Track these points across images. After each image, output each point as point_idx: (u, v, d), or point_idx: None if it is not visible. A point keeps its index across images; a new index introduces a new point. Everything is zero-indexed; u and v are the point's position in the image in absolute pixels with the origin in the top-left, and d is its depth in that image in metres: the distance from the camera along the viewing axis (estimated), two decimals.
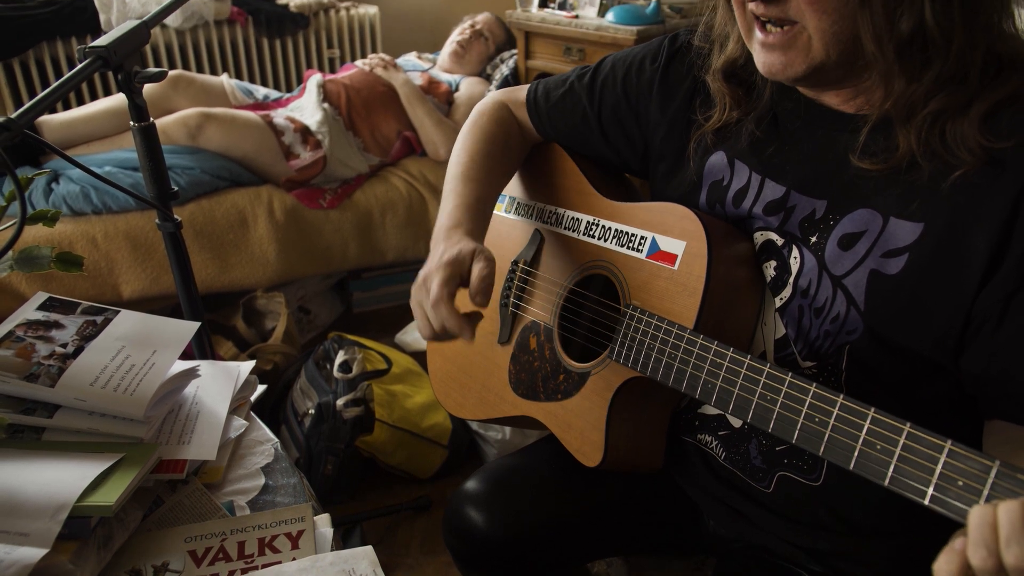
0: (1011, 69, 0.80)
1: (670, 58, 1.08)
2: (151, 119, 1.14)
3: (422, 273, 1.00)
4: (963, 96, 0.79)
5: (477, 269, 0.96)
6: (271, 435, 1.04)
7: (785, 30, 0.83)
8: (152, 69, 1.08)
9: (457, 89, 2.92)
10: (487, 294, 0.96)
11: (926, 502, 0.68)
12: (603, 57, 1.18)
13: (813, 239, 0.91)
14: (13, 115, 0.83)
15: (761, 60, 0.87)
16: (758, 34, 0.86)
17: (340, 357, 2.14)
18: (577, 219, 1.13)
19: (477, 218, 1.09)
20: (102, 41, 1.01)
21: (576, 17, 2.64)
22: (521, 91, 1.25)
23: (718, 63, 0.99)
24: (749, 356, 0.84)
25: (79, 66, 0.98)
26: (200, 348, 1.29)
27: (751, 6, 0.85)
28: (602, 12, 2.62)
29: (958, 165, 0.80)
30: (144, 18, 1.10)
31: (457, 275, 0.97)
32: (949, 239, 0.81)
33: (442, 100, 2.83)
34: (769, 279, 0.96)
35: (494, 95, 1.27)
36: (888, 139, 0.85)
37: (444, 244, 1.02)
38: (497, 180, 1.18)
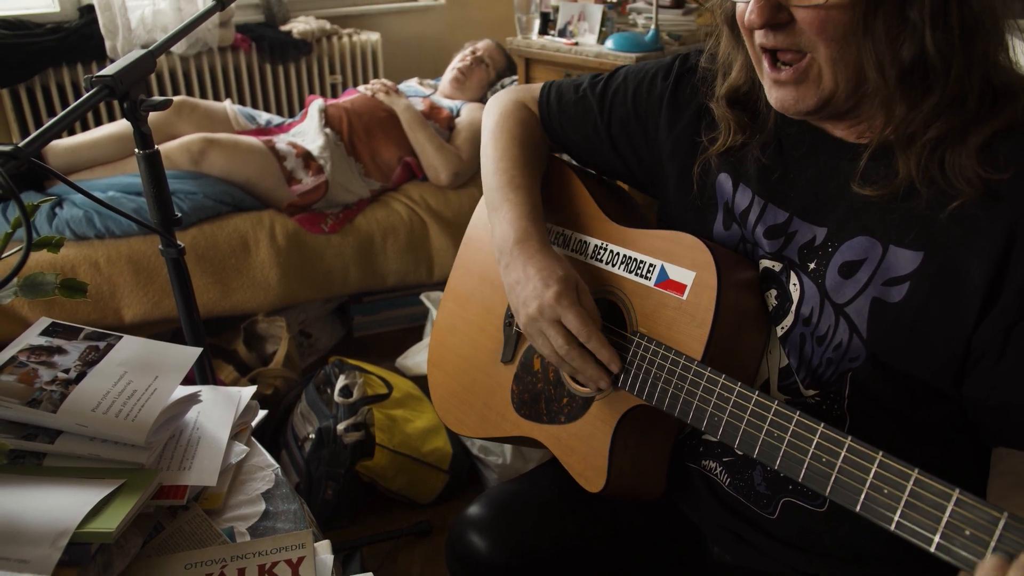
0: (1005, 99, 0.81)
1: (680, 77, 1.09)
2: (155, 146, 1.16)
3: (534, 304, 1.00)
4: (960, 122, 0.81)
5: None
6: (272, 460, 1.03)
7: (796, 67, 0.85)
8: (157, 98, 1.09)
9: (458, 115, 2.94)
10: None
11: (932, 549, 0.67)
12: (617, 67, 1.19)
13: (812, 265, 0.92)
14: (21, 143, 0.84)
15: (774, 96, 0.89)
16: (768, 70, 0.88)
17: (341, 381, 2.14)
18: (585, 242, 1.13)
19: (540, 228, 1.09)
20: (109, 70, 1.03)
21: (576, 44, 2.67)
22: (535, 88, 1.25)
23: (722, 90, 1.00)
24: (757, 392, 0.84)
25: (85, 95, 0.99)
26: (202, 373, 1.29)
27: (759, 37, 0.86)
28: (601, 39, 2.65)
29: (956, 195, 0.81)
30: (150, 47, 1.11)
31: (574, 294, 0.99)
32: (949, 269, 0.82)
33: (443, 125, 2.85)
34: (771, 307, 0.97)
35: (511, 94, 1.26)
36: (888, 166, 0.86)
37: (525, 260, 1.03)
38: (538, 186, 1.18)
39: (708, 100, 1.03)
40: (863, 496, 0.73)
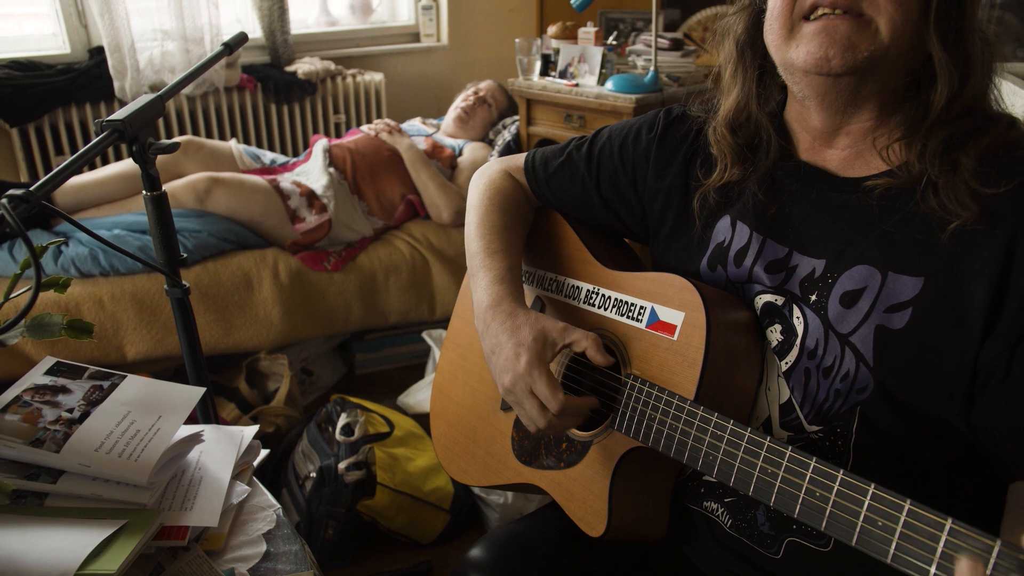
0: (993, 120, 0.86)
1: (666, 128, 1.11)
2: (163, 188, 1.17)
3: (508, 377, 1.01)
4: (958, 132, 0.85)
5: (596, 359, 0.99)
6: (273, 500, 1.04)
7: (850, 16, 0.85)
8: (165, 141, 1.11)
9: (461, 154, 2.98)
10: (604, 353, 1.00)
11: None
12: (599, 128, 1.21)
13: (813, 298, 0.93)
14: (33, 187, 0.85)
15: (816, 44, 0.86)
16: (810, 25, 0.87)
17: (342, 420, 2.14)
18: (577, 287, 1.15)
19: (515, 289, 1.11)
20: (119, 115, 1.05)
21: (576, 86, 2.71)
22: (520, 158, 1.28)
23: (722, 113, 1.02)
24: (750, 429, 0.84)
25: (96, 139, 1.01)
26: (204, 412, 1.29)
27: None
28: (602, 81, 2.69)
29: (952, 219, 0.83)
30: (160, 92, 1.14)
31: (545, 358, 1.00)
32: (950, 291, 0.83)
33: (446, 164, 2.88)
34: (776, 343, 0.97)
35: (494, 164, 1.30)
36: (884, 198, 0.88)
37: (497, 325, 1.04)
38: (518, 248, 1.20)
39: (705, 130, 1.05)
40: (858, 529, 0.73)
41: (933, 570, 0.67)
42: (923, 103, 0.88)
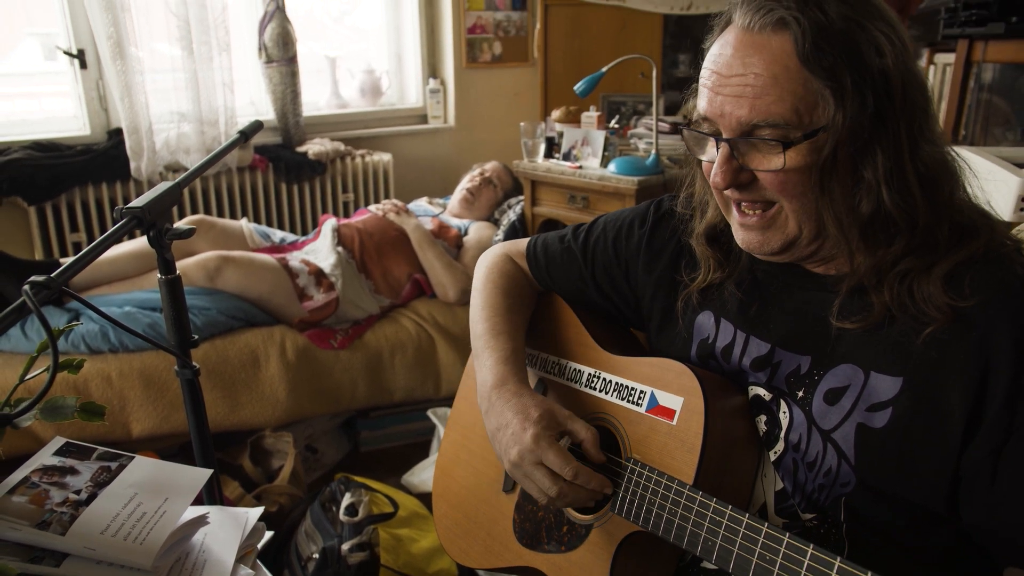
0: (969, 235, 0.86)
1: (656, 223, 1.15)
2: (177, 271, 1.21)
3: (515, 451, 1.01)
4: (929, 259, 0.86)
5: (590, 443, 1.01)
6: None
7: (763, 213, 0.90)
8: (181, 227, 1.15)
9: (466, 233, 3.03)
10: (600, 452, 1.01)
11: None
12: (596, 218, 1.25)
13: (800, 393, 0.95)
14: (54, 274, 0.89)
15: (741, 237, 0.95)
16: (736, 215, 0.94)
17: (346, 500, 2.13)
18: (579, 371, 1.17)
19: (520, 370, 1.13)
20: (138, 202, 1.09)
21: (580, 168, 2.77)
22: (522, 244, 1.32)
23: (700, 228, 1.06)
24: (748, 515, 0.85)
25: (115, 226, 1.05)
26: (210, 493, 1.29)
27: (728, 193, 0.92)
28: (604, 163, 2.75)
29: (928, 322, 0.84)
30: (177, 180, 1.18)
31: (551, 433, 1.01)
32: (928, 393, 0.84)
33: (452, 244, 2.94)
34: (762, 433, 0.99)
35: (498, 249, 1.33)
36: (863, 299, 0.90)
37: (502, 404, 1.06)
38: (522, 331, 1.23)
39: (687, 238, 1.09)
40: None
41: None
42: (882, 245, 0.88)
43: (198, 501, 1.11)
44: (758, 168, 0.87)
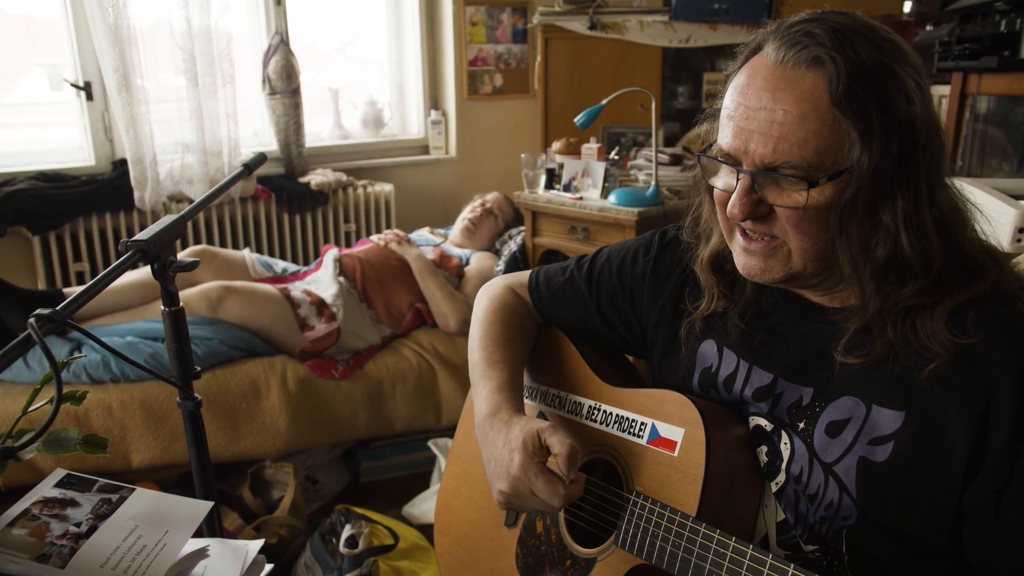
0: (977, 275, 0.86)
1: (660, 252, 1.16)
2: (181, 304, 1.21)
3: (505, 484, 1.01)
4: (934, 299, 0.86)
5: (562, 460, 0.99)
6: None
7: (767, 241, 0.90)
8: (185, 260, 1.16)
9: (468, 263, 3.04)
10: (575, 465, 0.99)
11: None
12: (600, 248, 1.26)
13: (801, 425, 0.95)
14: (59, 307, 0.89)
15: (741, 262, 0.94)
16: (739, 239, 0.94)
17: (347, 531, 2.11)
18: (579, 403, 1.17)
19: (514, 398, 1.13)
20: (143, 235, 1.10)
21: (580, 199, 2.79)
22: (524, 275, 1.32)
23: (705, 254, 1.06)
24: (752, 546, 0.85)
25: (120, 259, 1.06)
26: (210, 525, 1.29)
27: (738, 220, 0.92)
28: (605, 194, 2.77)
29: (932, 358, 0.84)
30: (182, 213, 1.19)
31: (538, 458, 1.00)
32: (930, 429, 0.84)
33: (453, 274, 2.95)
34: (763, 464, 0.99)
35: (499, 281, 1.34)
36: (866, 334, 0.90)
37: (494, 433, 1.06)
38: (520, 361, 1.23)
39: (691, 265, 1.09)
40: None
41: None
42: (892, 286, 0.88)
43: (198, 533, 1.11)
44: (777, 203, 0.87)
